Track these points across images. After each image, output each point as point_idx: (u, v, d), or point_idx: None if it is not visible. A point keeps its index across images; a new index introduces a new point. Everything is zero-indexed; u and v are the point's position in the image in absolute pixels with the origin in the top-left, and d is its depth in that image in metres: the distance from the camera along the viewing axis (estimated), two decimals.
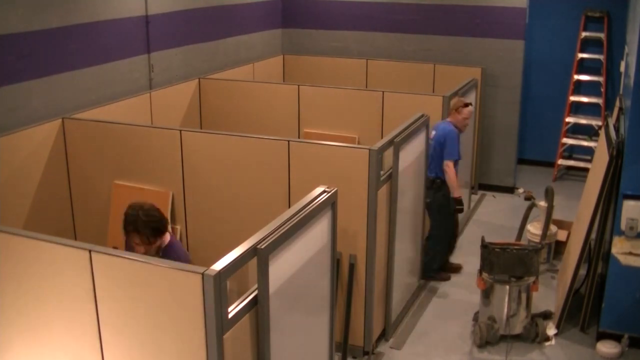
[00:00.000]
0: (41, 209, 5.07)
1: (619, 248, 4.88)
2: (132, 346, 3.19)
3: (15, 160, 4.81)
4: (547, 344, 5.08)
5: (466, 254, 6.53)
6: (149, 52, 6.37)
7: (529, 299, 5.04)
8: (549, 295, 5.76)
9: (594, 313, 5.19)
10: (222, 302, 2.89)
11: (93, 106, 5.59)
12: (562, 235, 6.39)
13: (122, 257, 3.13)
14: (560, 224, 6.50)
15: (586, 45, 8.51)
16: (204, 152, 4.87)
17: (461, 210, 5.88)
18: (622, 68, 6.80)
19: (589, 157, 8.30)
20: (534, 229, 6.19)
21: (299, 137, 6.59)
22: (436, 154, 5.70)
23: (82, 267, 3.16)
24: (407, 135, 4.92)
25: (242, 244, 3.10)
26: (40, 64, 5.18)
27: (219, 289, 2.85)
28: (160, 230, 3.84)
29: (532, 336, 5.08)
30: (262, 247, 3.10)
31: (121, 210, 3.92)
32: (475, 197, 7.96)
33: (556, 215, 6.43)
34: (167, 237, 3.92)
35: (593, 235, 5.10)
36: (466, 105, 5.85)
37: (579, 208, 6.01)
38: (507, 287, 4.97)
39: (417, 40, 8.11)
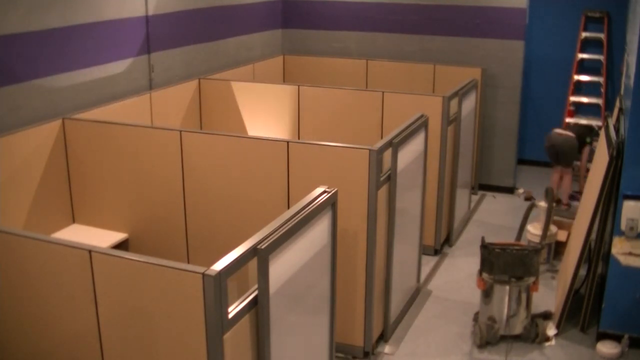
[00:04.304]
0: (41, 209, 5.07)
1: (619, 248, 4.88)
2: (132, 346, 3.20)
3: (15, 161, 4.81)
4: (547, 344, 5.08)
5: (466, 254, 6.54)
6: (149, 52, 6.37)
7: (529, 299, 5.04)
8: (549, 295, 5.76)
9: (594, 313, 5.19)
10: (222, 302, 2.89)
11: (93, 106, 5.59)
12: (562, 236, 6.39)
13: (122, 257, 3.13)
14: (560, 224, 6.50)
15: (586, 45, 8.51)
16: (204, 152, 4.87)
17: None
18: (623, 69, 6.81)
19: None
20: (534, 229, 6.20)
21: (298, 138, 6.59)
22: None
23: (82, 267, 3.17)
24: (406, 136, 4.92)
25: (242, 244, 3.10)
26: (40, 64, 5.18)
27: (219, 289, 2.85)
28: None
29: (532, 336, 5.08)
30: (263, 247, 3.10)
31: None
32: (475, 197, 7.96)
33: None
34: None
35: (593, 236, 5.10)
36: None
37: (579, 208, 6.01)
38: (507, 287, 4.97)
39: (417, 40, 8.11)
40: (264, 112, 6.73)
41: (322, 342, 4.03)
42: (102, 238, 5.11)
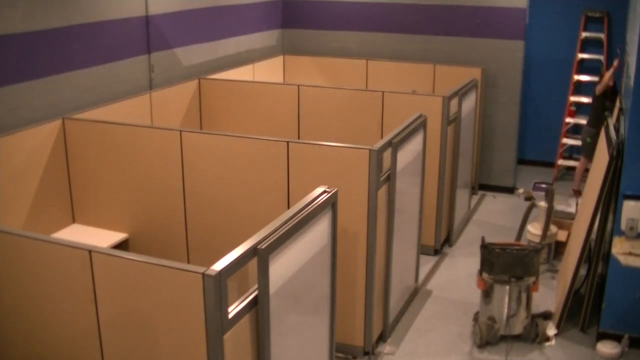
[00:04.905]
0: (41, 210, 5.07)
1: (619, 248, 4.88)
2: (132, 346, 3.20)
3: (15, 161, 4.81)
4: (547, 344, 5.08)
5: (466, 254, 6.54)
6: (149, 52, 6.37)
7: (529, 299, 5.04)
8: (549, 295, 5.76)
9: (594, 313, 5.19)
10: (222, 302, 2.89)
11: (93, 106, 5.59)
12: (562, 236, 6.39)
13: (122, 257, 3.13)
14: (560, 224, 6.50)
15: (586, 45, 8.51)
16: (204, 152, 4.88)
17: None
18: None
19: None
20: (534, 229, 6.20)
21: (298, 138, 6.59)
22: None
23: (82, 267, 3.17)
24: (405, 136, 4.92)
25: (242, 244, 3.10)
26: (40, 64, 5.18)
27: (219, 289, 2.85)
28: None
29: (532, 336, 5.08)
30: (262, 247, 3.10)
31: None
32: (475, 197, 7.96)
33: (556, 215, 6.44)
34: None
35: (593, 236, 5.10)
36: None
37: (578, 208, 6.01)
38: (507, 287, 4.97)
39: (417, 40, 8.11)
40: (264, 112, 6.73)
41: (322, 342, 4.03)
42: (102, 238, 5.11)
